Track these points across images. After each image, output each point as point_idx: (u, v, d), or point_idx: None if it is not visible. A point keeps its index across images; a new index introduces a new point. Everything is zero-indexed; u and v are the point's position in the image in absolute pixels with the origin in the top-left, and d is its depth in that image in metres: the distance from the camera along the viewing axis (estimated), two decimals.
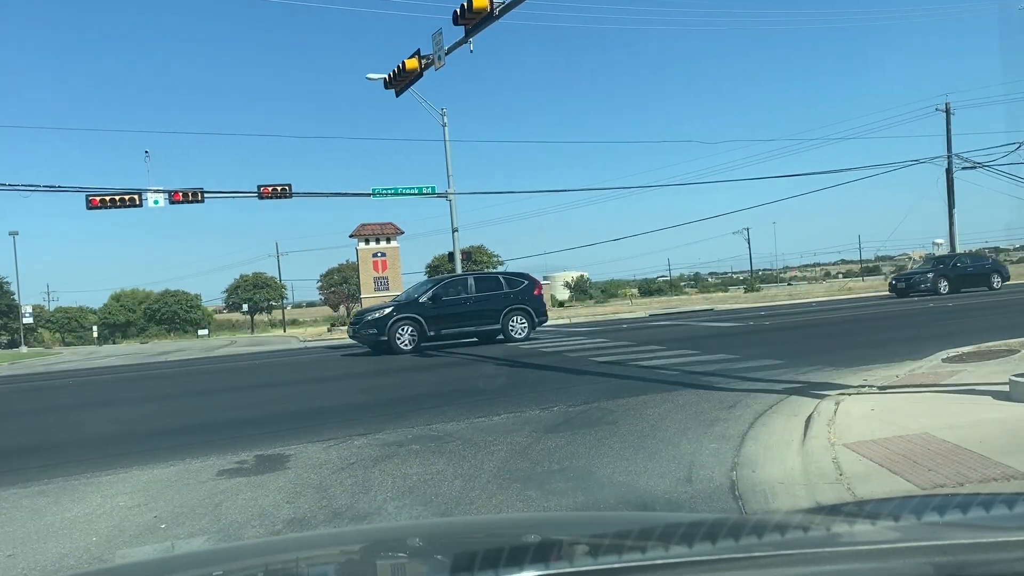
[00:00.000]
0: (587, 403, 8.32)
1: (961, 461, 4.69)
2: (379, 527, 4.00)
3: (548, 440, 6.54)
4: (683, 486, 4.84)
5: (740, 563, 1.25)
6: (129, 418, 10.52)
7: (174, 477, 6.20)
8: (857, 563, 1.23)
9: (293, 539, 3.14)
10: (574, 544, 1.60)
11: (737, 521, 1.92)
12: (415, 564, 1.65)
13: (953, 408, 6.35)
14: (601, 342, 17.07)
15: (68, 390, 16.36)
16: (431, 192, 33.50)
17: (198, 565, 1.80)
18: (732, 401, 7.83)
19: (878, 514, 1.63)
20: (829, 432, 5.87)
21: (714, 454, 5.65)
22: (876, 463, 4.89)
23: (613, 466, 5.47)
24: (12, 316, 62.15)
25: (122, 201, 28.53)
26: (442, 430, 7.42)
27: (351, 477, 5.71)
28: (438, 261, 55.48)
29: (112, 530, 4.84)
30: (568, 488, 4.99)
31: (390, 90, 17.82)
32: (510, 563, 1.38)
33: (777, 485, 4.78)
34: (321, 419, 8.63)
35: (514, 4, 13.02)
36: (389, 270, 37.74)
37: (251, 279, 73.67)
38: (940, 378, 7.86)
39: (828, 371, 9.52)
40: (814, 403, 7.10)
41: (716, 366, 10.83)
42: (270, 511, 5.00)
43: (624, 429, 6.77)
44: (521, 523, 2.63)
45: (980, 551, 1.19)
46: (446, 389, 10.83)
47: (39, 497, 5.86)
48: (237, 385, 14.36)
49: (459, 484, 5.30)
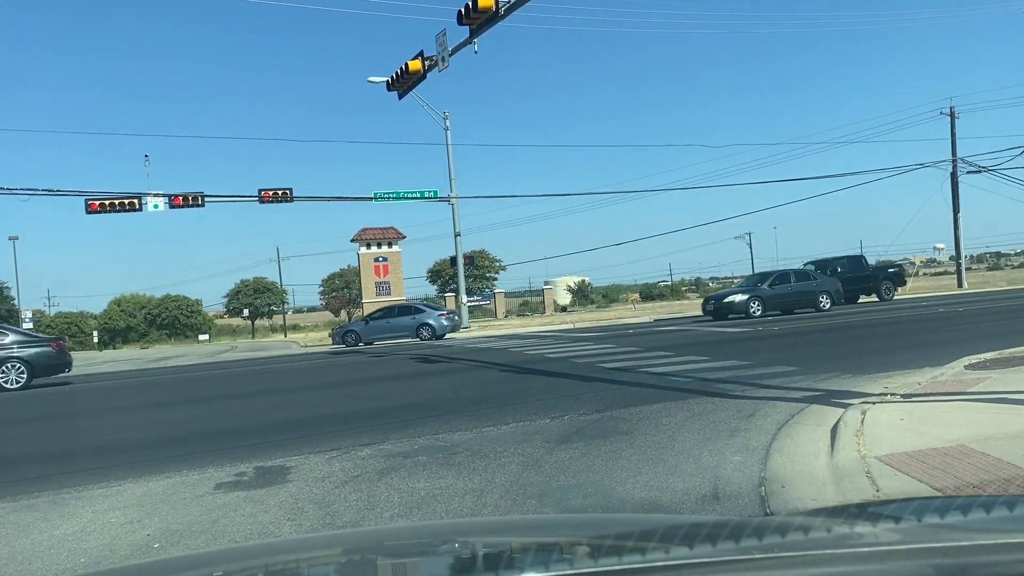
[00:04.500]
0: (599, 412, 8.03)
1: (1008, 478, 4.40)
2: (380, 528, 3.88)
3: (561, 451, 6.25)
4: (710, 504, 4.55)
5: (741, 565, 1.25)
6: (125, 426, 10.24)
7: (170, 491, 5.91)
8: (858, 565, 1.23)
9: (293, 541, 3.06)
10: (575, 546, 1.60)
11: (738, 523, 1.86)
12: (416, 565, 1.64)
13: (986, 418, 6.07)
14: (608, 348, 16.78)
15: (64, 397, 16.08)
16: (433, 196, 33.29)
17: (198, 566, 1.79)
18: (750, 410, 7.54)
19: (879, 516, 1.61)
20: (858, 443, 5.58)
21: (739, 468, 5.36)
22: (914, 478, 4.60)
23: (633, 481, 5.18)
24: (12, 321, 61.91)
25: (122, 205, 28.33)
26: (449, 440, 7.14)
27: (355, 492, 5.43)
28: (440, 266, 55.20)
29: (103, 549, 4.55)
30: (587, 505, 4.70)
31: (392, 92, 17.60)
32: (511, 564, 1.41)
33: (810, 502, 4.48)
34: (324, 427, 8.34)
35: (519, 3, 12.78)
36: (391, 274, 37.48)
37: (252, 284, 73.39)
38: (966, 386, 7.57)
39: (846, 378, 9.22)
40: (837, 412, 6.81)
41: (728, 373, 10.54)
42: (270, 529, 4.72)
43: (640, 440, 6.48)
44: (521, 525, 2.59)
45: (981, 553, 1.19)
46: (451, 396, 10.55)
47: (27, 512, 5.57)
48: (237, 392, 14.08)
49: (470, 500, 5.02)
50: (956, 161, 41.22)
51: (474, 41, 13.74)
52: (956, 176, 41.38)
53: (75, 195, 28.58)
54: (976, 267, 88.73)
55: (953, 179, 41.51)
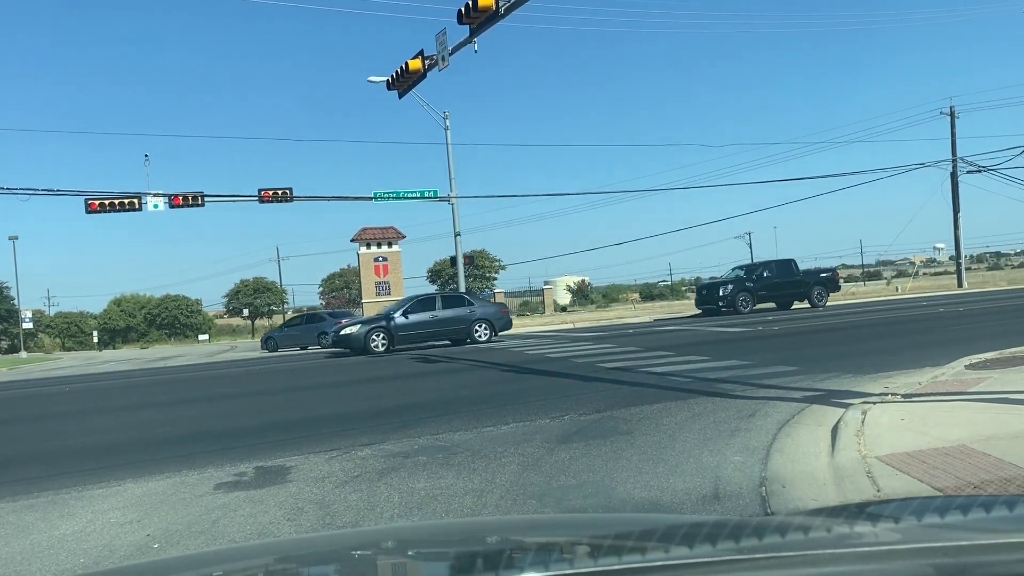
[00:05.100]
0: (599, 411, 8.02)
1: (1009, 478, 4.39)
2: (380, 528, 3.86)
3: (561, 451, 6.24)
4: (711, 504, 4.54)
5: (741, 565, 1.24)
6: (125, 426, 10.22)
7: (170, 491, 5.90)
8: (858, 565, 1.23)
9: (293, 541, 3.05)
10: (575, 545, 1.59)
11: (738, 523, 1.86)
12: (416, 565, 1.64)
13: (987, 418, 6.06)
14: (608, 347, 16.77)
15: (65, 397, 16.07)
16: (433, 196, 33.26)
17: (198, 566, 1.79)
18: (751, 410, 7.53)
19: (879, 516, 1.61)
20: (859, 443, 5.57)
21: (739, 468, 5.35)
22: (915, 478, 4.59)
23: (633, 481, 5.17)
24: (12, 321, 61.85)
25: (121, 205, 28.28)
26: (449, 440, 7.13)
27: (355, 492, 5.42)
28: (440, 266, 55.17)
29: (102, 550, 4.54)
30: (588, 506, 4.69)
31: (392, 92, 17.60)
32: (511, 564, 1.40)
33: (811, 502, 4.47)
34: (324, 427, 8.34)
35: (519, 3, 12.77)
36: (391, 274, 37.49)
37: (252, 284, 73.38)
38: (966, 386, 7.56)
39: (846, 378, 9.21)
40: (838, 412, 6.80)
41: (728, 372, 10.53)
42: (270, 529, 4.71)
43: (641, 440, 6.47)
44: (522, 525, 2.59)
45: (981, 553, 1.19)
46: (451, 396, 10.54)
47: (27, 512, 5.57)
48: (237, 392, 14.06)
49: (470, 500, 5.01)
50: (956, 161, 41.22)
51: (474, 40, 13.75)
52: (956, 176, 41.38)
53: (75, 195, 28.53)
54: (976, 267, 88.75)
55: (953, 179, 41.51)
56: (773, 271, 29.33)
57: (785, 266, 29.90)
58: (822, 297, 29.34)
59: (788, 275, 29.35)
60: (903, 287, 44.75)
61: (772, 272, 29.23)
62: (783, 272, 29.39)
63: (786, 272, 29.47)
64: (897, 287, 46.73)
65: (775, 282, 28.83)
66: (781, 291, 28.93)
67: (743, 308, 27.76)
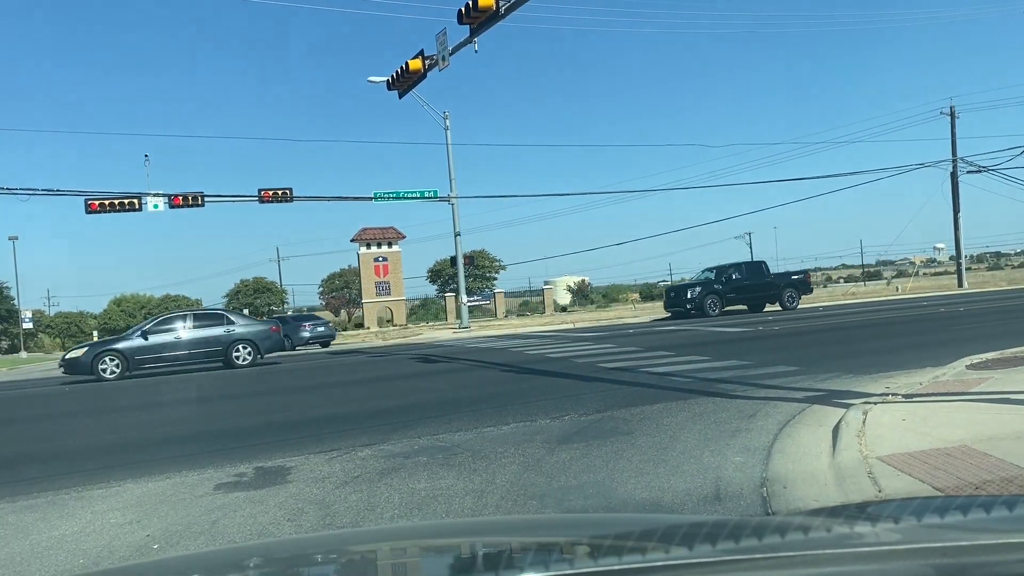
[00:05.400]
0: (599, 412, 8.01)
1: (1010, 478, 4.38)
2: (380, 528, 3.85)
3: (562, 452, 6.23)
4: (712, 505, 4.53)
5: (741, 565, 1.24)
6: (124, 426, 10.21)
7: (169, 491, 5.89)
8: (858, 565, 1.23)
9: (293, 541, 3.03)
10: (575, 545, 1.59)
11: (738, 523, 1.85)
12: (416, 565, 1.64)
13: (988, 418, 6.05)
14: (608, 347, 16.76)
15: (65, 397, 16.06)
16: (433, 196, 33.29)
17: (198, 567, 1.78)
18: (752, 410, 7.52)
19: (879, 516, 1.60)
20: (860, 444, 5.55)
21: (740, 468, 5.34)
22: (916, 478, 4.58)
23: (634, 481, 5.16)
24: (12, 321, 61.85)
25: (121, 205, 28.30)
26: (449, 440, 7.11)
27: (355, 492, 5.41)
28: (440, 266, 55.14)
29: (101, 550, 4.53)
30: (588, 506, 4.68)
31: (392, 92, 17.58)
32: (511, 564, 1.40)
33: (812, 503, 4.46)
34: (324, 428, 8.32)
35: (520, 3, 12.76)
36: (391, 275, 37.47)
37: (252, 284, 73.30)
38: (968, 386, 7.55)
39: (847, 378, 9.20)
40: (839, 412, 6.79)
41: (729, 373, 10.52)
42: (270, 530, 4.70)
43: (641, 440, 6.45)
44: (522, 525, 2.58)
45: (981, 553, 1.19)
46: (450, 396, 10.53)
47: (26, 513, 5.55)
48: (236, 392, 14.05)
49: (470, 501, 5.00)
50: (956, 161, 41.23)
51: (474, 40, 13.74)
52: (956, 176, 41.40)
53: (75, 195, 28.58)
54: (976, 267, 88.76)
55: (953, 179, 41.52)
56: (743, 273, 28.94)
57: (756, 268, 29.62)
58: (793, 300, 28.93)
59: (759, 277, 29.01)
60: (903, 287, 44.77)
61: (742, 274, 28.84)
62: (753, 274, 29.06)
63: (757, 274, 29.14)
64: (897, 287, 46.73)
65: (745, 284, 28.44)
66: (751, 293, 28.54)
67: (711, 311, 27.28)
